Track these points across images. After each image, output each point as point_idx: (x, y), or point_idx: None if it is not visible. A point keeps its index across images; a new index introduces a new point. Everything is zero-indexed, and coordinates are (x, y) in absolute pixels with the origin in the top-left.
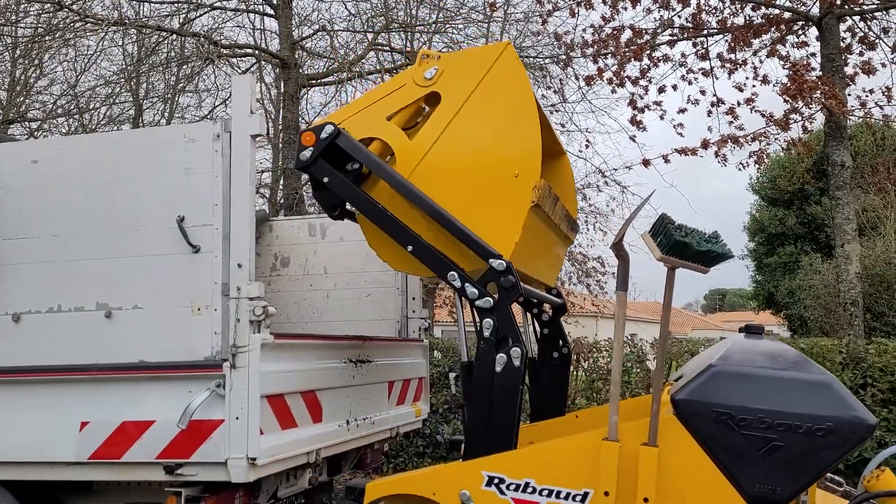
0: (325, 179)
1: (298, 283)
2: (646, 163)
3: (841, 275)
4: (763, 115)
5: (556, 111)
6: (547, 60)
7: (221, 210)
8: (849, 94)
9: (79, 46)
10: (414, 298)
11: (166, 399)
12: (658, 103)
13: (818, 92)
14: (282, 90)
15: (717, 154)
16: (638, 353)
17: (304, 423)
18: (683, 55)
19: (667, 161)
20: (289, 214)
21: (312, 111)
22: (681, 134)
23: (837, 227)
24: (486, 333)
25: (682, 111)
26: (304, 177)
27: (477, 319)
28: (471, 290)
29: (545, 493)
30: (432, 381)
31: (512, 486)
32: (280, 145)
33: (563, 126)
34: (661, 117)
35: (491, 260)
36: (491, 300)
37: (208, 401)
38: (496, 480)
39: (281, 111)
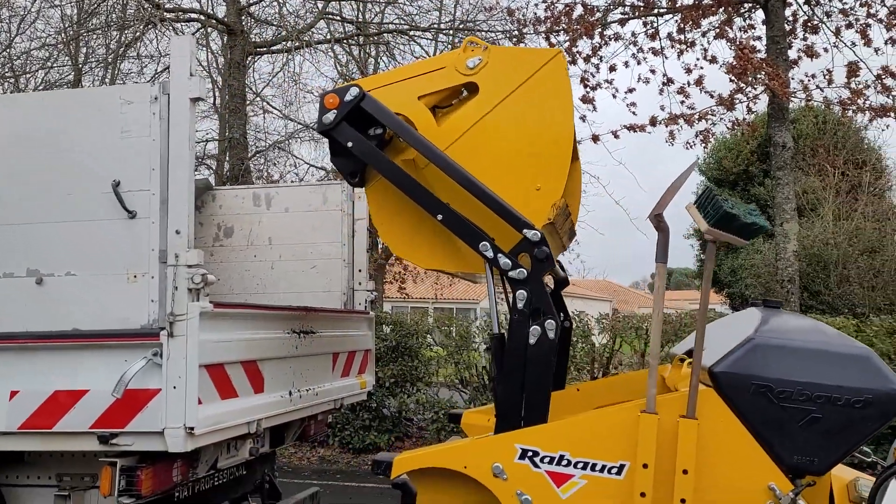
0: (350, 144)
1: (242, 254)
2: (595, 138)
3: (779, 253)
4: (711, 96)
5: None
6: (500, 36)
7: (159, 175)
8: (792, 78)
9: (13, 5)
10: (360, 271)
11: (100, 368)
12: (609, 81)
13: (762, 73)
14: (228, 57)
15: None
16: (584, 328)
17: (245, 393)
18: (634, 34)
19: (616, 136)
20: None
21: (260, 81)
22: (634, 112)
23: (777, 206)
24: (520, 305)
25: (631, 90)
26: (252, 147)
27: (509, 291)
28: (504, 260)
29: (580, 465)
30: (379, 355)
31: (546, 459)
32: (227, 115)
33: None
34: (614, 95)
35: (525, 230)
36: (525, 271)
37: (144, 370)
38: (530, 453)
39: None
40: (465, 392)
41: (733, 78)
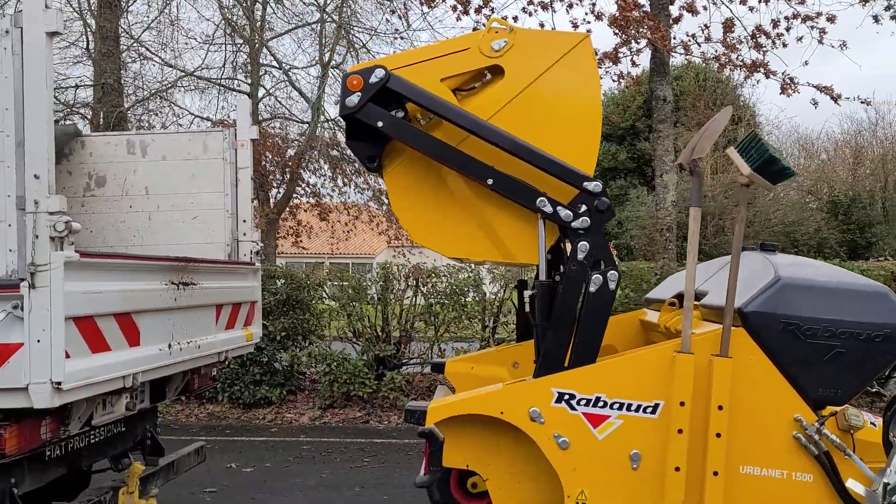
0: (380, 124)
1: (117, 205)
2: None
3: (659, 203)
4: (597, 52)
5: (402, 38)
6: None
7: (13, 115)
8: (674, 38)
9: None
10: (245, 221)
11: None
12: None
13: (644, 27)
14: None
15: None
16: (475, 277)
17: (119, 346)
18: None
19: None
20: None
21: (138, 25)
22: None
23: (658, 158)
24: (580, 256)
25: None
26: (131, 95)
27: (569, 243)
28: (564, 212)
29: (616, 406)
30: (270, 309)
31: (582, 402)
32: (99, 59)
33: None
34: None
35: (585, 183)
36: (588, 220)
37: (5, 323)
38: (566, 396)
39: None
40: (357, 344)
41: (617, 31)
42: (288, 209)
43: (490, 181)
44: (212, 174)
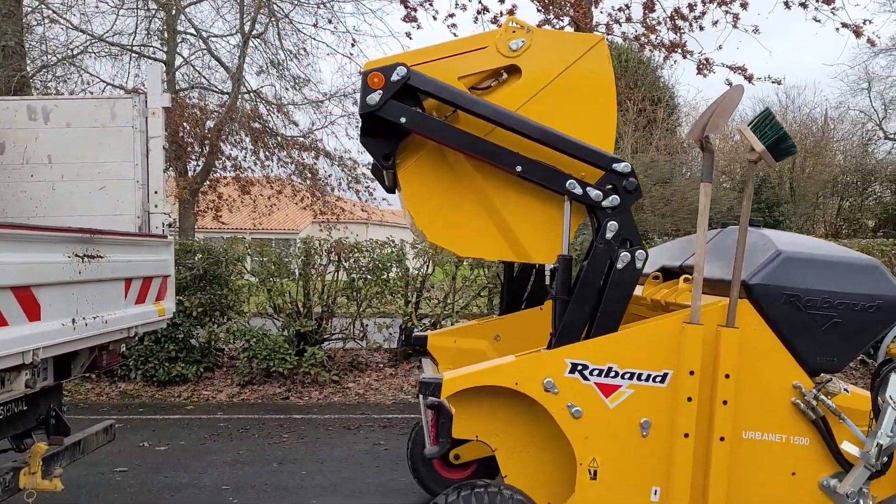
0: (403, 120)
1: (17, 174)
2: None
3: None
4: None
5: (324, 5)
6: None
7: None
8: (597, 24)
9: None
10: (156, 192)
11: None
12: (430, 2)
13: (567, 5)
14: None
15: None
16: (398, 252)
17: (17, 321)
18: None
19: None
20: None
21: None
22: (455, 34)
23: None
24: (609, 235)
25: (451, 15)
26: (36, 60)
27: (595, 222)
28: (594, 192)
29: (627, 376)
30: (186, 284)
31: (595, 372)
32: (0, 20)
33: (329, 22)
34: (434, 17)
35: (615, 164)
36: (618, 198)
37: None
38: (579, 367)
39: None
40: (277, 319)
41: (541, 7)
42: (208, 183)
43: (519, 168)
44: (120, 143)
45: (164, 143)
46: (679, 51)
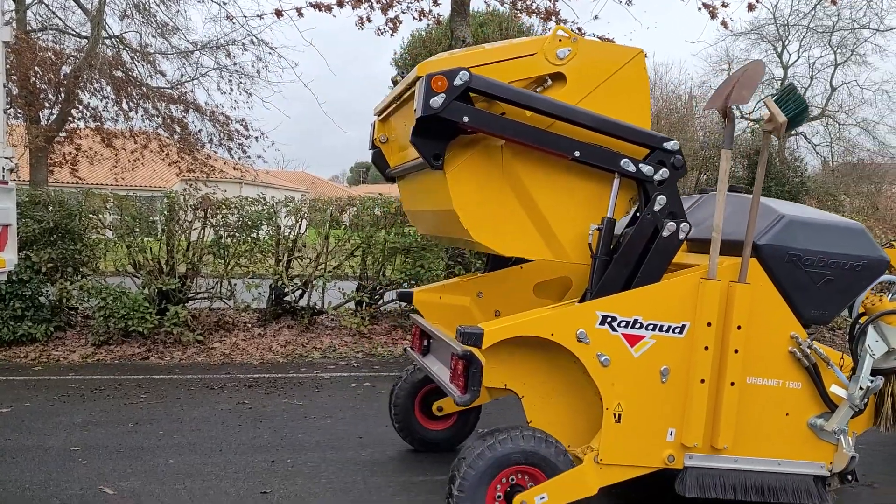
0: (465, 119)
1: None
2: (278, 13)
3: None
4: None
5: None
6: None
7: None
8: None
9: None
10: None
11: None
12: None
13: None
14: None
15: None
16: (269, 210)
17: None
18: None
19: (300, 14)
20: None
21: None
22: None
23: None
24: (657, 208)
25: None
26: None
27: (644, 196)
28: (647, 168)
29: (650, 327)
30: (35, 238)
31: (622, 324)
32: None
33: None
34: None
35: (665, 143)
36: (668, 171)
37: None
38: (609, 319)
39: None
40: (137, 277)
41: None
42: (64, 134)
43: (577, 153)
44: None
45: (4, 80)
46: (554, 18)
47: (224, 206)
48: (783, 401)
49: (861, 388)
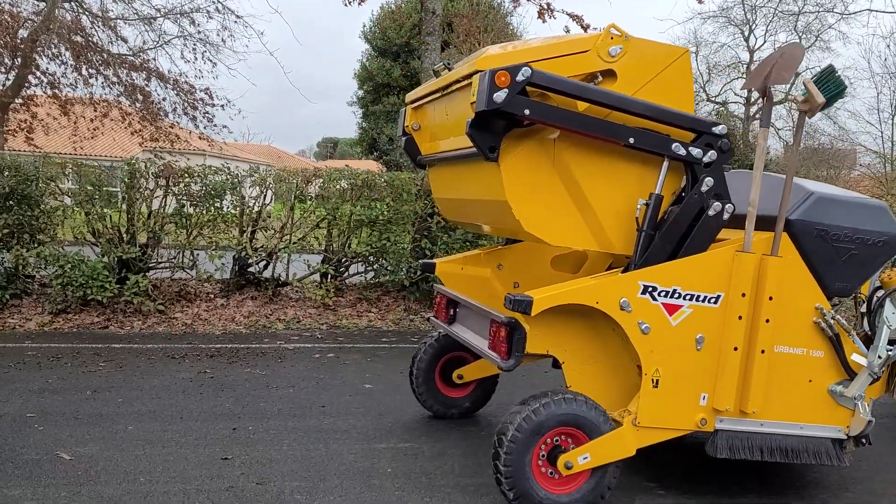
0: (527, 111)
1: None
2: None
3: None
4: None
5: None
6: None
7: None
8: None
9: None
10: None
11: None
12: None
13: None
14: None
15: None
16: (233, 180)
17: None
18: None
19: None
20: None
21: None
22: None
23: (425, 70)
24: (704, 189)
25: None
26: None
27: (691, 178)
28: (696, 150)
29: (688, 297)
30: None
31: (662, 293)
32: None
33: None
34: None
35: (713, 128)
36: (716, 153)
37: None
38: (650, 289)
39: None
40: (97, 245)
41: None
42: (20, 100)
43: (632, 139)
44: None
45: None
46: None
47: (187, 175)
48: (807, 368)
49: (880, 357)
